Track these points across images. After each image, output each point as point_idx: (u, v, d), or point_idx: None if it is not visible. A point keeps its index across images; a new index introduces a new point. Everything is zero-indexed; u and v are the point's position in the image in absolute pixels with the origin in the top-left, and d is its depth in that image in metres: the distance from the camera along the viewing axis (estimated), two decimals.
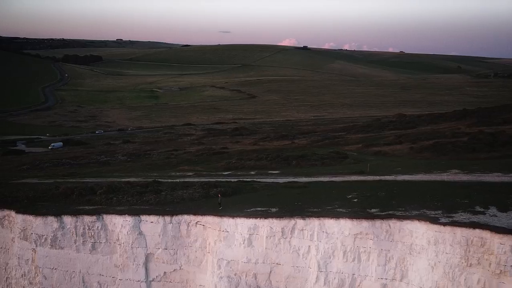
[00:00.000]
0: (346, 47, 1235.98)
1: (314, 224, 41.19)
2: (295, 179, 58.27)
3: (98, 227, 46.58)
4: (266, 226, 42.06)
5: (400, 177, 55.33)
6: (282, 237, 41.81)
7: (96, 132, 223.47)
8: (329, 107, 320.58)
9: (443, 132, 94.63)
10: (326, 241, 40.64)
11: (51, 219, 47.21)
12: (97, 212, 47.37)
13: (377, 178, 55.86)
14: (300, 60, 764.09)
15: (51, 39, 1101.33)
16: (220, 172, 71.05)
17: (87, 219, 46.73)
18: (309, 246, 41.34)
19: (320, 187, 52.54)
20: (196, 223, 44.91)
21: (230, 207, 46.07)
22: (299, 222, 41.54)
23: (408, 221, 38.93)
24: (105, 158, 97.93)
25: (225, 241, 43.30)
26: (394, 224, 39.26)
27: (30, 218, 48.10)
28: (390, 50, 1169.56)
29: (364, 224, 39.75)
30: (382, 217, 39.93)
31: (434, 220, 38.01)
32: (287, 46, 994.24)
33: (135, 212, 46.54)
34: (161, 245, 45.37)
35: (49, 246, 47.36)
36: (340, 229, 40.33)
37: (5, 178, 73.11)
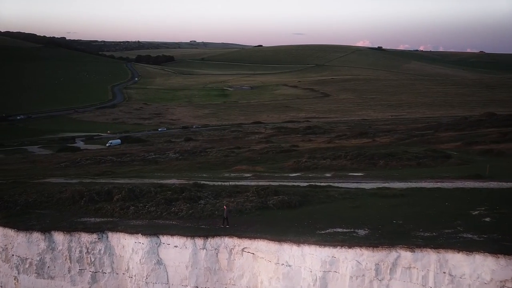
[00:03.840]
0: (421, 48, 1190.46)
1: (429, 259, 25.33)
2: (386, 184, 42.54)
3: (100, 250, 31.59)
4: (350, 260, 26.40)
5: None
6: (376, 278, 26.14)
7: (159, 129, 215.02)
8: (407, 106, 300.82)
9: None
10: None
11: (36, 236, 32.60)
12: (101, 228, 32.38)
13: (505, 185, 39.97)
14: (374, 60, 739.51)
15: (127, 41, 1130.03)
16: (286, 173, 55.70)
17: (86, 238, 31.76)
18: None
19: (426, 197, 36.71)
20: (243, 250, 29.31)
21: (295, 225, 30.60)
22: (404, 255, 25.71)
23: None
24: (153, 156, 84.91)
25: (285, 280, 27.82)
26: None
27: (11, 233, 33.61)
28: (468, 50, 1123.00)
29: None
30: None
31: None
32: (361, 47, 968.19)
33: (153, 230, 31.29)
34: (190, 281, 29.96)
35: (35, 274, 32.85)
36: (474, 270, 24.36)
37: (29, 177, 61.32)
